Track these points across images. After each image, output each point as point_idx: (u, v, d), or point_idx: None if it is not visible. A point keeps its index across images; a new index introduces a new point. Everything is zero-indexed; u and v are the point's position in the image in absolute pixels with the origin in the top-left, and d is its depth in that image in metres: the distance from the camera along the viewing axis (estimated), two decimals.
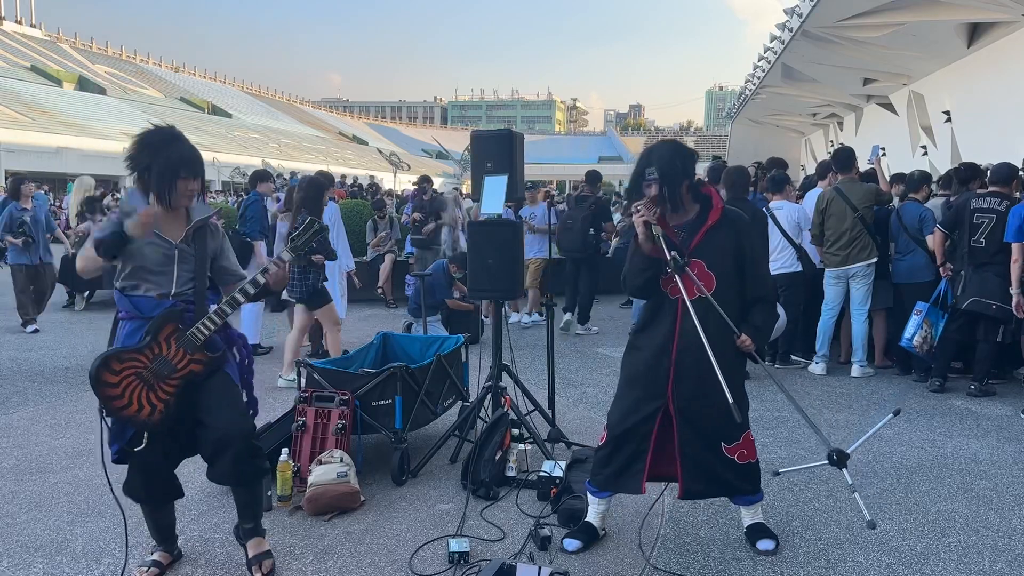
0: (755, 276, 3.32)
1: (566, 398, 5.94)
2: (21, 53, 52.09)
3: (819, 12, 12.96)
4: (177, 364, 2.97)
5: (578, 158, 74.86)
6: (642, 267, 3.24)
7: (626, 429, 3.31)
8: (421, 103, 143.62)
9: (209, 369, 3.03)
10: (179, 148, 3.02)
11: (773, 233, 6.96)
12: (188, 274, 3.07)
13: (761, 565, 3.30)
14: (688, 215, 3.29)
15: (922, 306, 6.31)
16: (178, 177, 2.99)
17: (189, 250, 3.08)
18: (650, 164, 3.23)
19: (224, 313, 2.99)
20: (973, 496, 4.09)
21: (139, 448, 2.99)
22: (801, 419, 5.39)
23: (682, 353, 3.21)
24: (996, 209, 5.93)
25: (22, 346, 7.83)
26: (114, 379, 2.92)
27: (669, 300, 3.25)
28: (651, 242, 3.17)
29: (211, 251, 3.16)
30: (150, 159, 2.98)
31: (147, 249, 3.00)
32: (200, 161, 3.09)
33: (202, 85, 71.74)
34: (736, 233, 3.28)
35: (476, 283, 4.77)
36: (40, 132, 34.99)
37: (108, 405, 2.93)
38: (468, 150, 6.44)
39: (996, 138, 11.77)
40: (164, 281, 3.03)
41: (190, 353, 2.98)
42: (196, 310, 3.04)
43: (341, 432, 4.13)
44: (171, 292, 3.04)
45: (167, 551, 3.26)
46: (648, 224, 3.15)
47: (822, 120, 24.59)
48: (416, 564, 3.30)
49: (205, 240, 3.13)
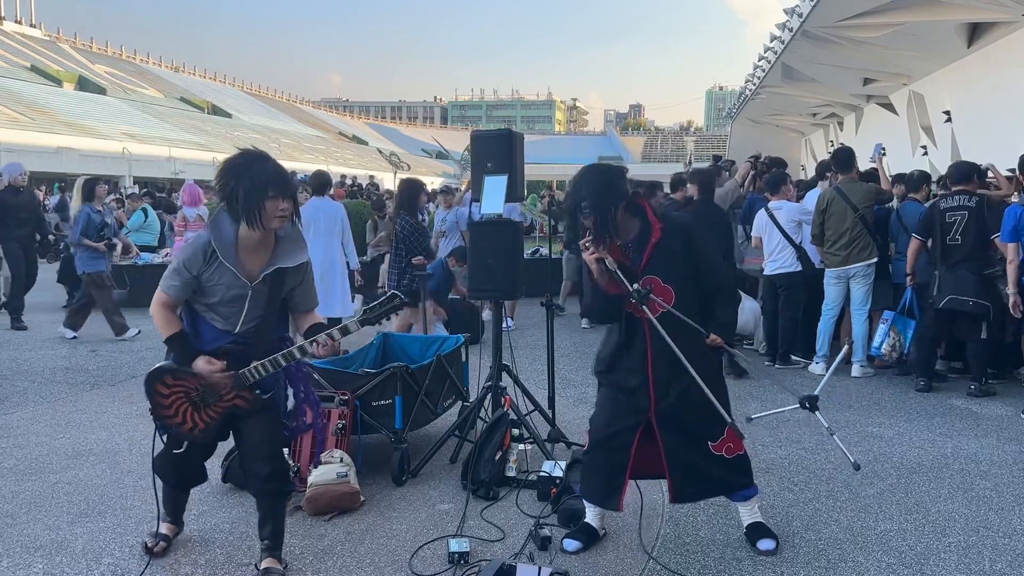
0: (708, 267, 3.30)
1: (566, 398, 5.94)
2: (21, 53, 52.06)
3: (819, 12, 12.94)
4: (224, 395, 3.02)
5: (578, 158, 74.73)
6: (604, 305, 3.26)
7: (607, 437, 3.34)
8: (421, 103, 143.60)
9: (252, 408, 3.06)
10: (266, 167, 2.91)
11: (773, 233, 6.96)
12: (257, 311, 3.02)
13: (761, 565, 3.30)
14: (631, 233, 3.28)
15: (888, 314, 6.37)
16: (266, 196, 2.86)
17: (264, 289, 3.01)
18: (582, 198, 3.20)
19: (278, 364, 2.98)
20: (973, 496, 4.09)
21: (178, 451, 3.15)
22: (802, 419, 5.40)
23: (657, 367, 3.23)
24: (966, 206, 5.99)
25: (22, 346, 7.83)
26: (165, 391, 3.04)
27: (635, 320, 3.24)
28: (607, 276, 3.16)
29: (288, 288, 3.09)
30: (235, 181, 2.88)
31: (217, 287, 2.96)
32: (289, 180, 2.96)
33: (202, 85, 71.71)
34: (681, 242, 3.27)
35: (476, 283, 4.77)
36: (40, 132, 34.96)
37: (156, 412, 3.07)
38: (468, 150, 6.44)
39: (996, 138, 11.76)
40: (232, 316, 3.01)
41: (237, 390, 3.02)
42: (255, 347, 3.02)
43: (341, 432, 4.13)
44: (235, 330, 3.02)
45: (174, 523, 3.43)
46: (601, 260, 3.14)
47: (822, 120, 24.57)
48: (416, 564, 3.30)
49: (283, 280, 3.05)
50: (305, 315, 3.19)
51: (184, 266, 2.94)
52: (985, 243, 5.90)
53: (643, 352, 3.24)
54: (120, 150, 35.76)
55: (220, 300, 2.98)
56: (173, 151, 37.90)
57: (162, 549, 3.33)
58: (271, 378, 3.05)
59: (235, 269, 2.93)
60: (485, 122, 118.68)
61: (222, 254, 2.91)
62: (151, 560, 3.26)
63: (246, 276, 2.96)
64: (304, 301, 3.19)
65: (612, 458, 3.32)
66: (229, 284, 2.95)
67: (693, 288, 3.24)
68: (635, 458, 3.29)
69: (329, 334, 2.96)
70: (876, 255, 6.51)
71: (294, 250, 3.05)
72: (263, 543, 3.16)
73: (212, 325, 3.03)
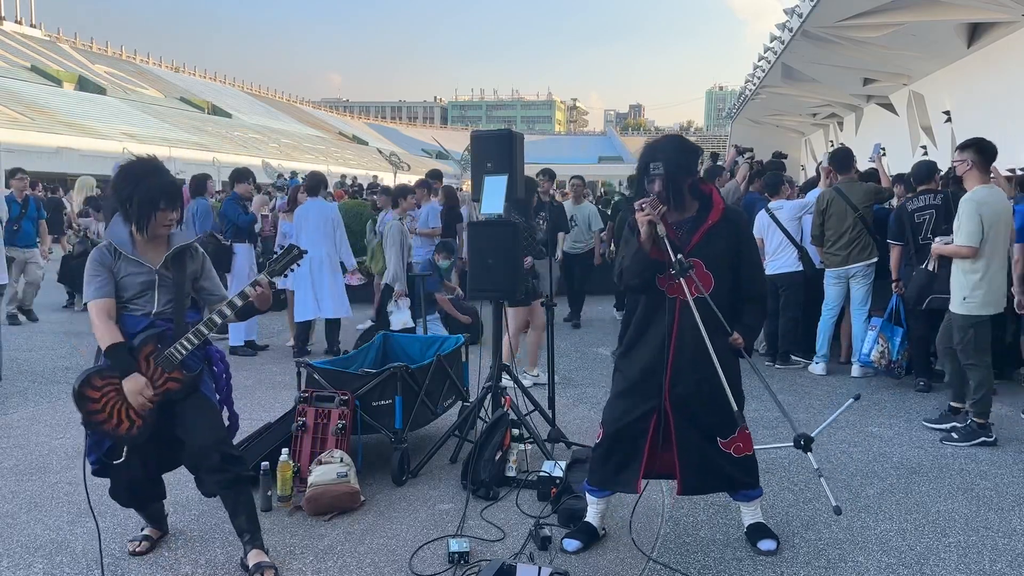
0: (751, 276, 3.32)
1: (566, 398, 5.94)
2: (21, 53, 52.06)
3: (819, 12, 12.94)
4: (156, 382, 3.11)
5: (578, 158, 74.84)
6: (642, 267, 3.22)
7: (622, 427, 3.30)
8: (421, 103, 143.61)
9: (186, 387, 3.15)
10: (158, 180, 3.14)
11: (774, 233, 6.96)
12: (168, 295, 3.20)
13: (761, 565, 3.30)
14: (688, 212, 3.28)
15: (876, 321, 6.35)
16: (157, 208, 3.11)
17: (168, 274, 3.21)
18: (655, 159, 3.21)
19: (201, 334, 3.14)
20: (973, 496, 4.09)
21: (118, 461, 3.17)
22: (802, 419, 5.40)
23: (679, 351, 3.21)
24: (932, 204, 6.00)
25: (22, 346, 7.83)
26: (96, 394, 3.11)
27: (668, 299, 3.24)
28: (653, 242, 3.16)
29: (191, 273, 3.29)
30: (131, 190, 3.11)
31: (128, 278, 3.15)
32: (178, 193, 3.20)
33: (202, 85, 71.71)
34: (735, 232, 3.28)
35: (476, 283, 4.77)
36: (40, 132, 34.96)
37: (89, 419, 3.12)
38: (468, 150, 6.44)
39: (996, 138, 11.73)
40: (147, 304, 3.18)
41: (167, 371, 3.12)
42: (175, 328, 3.17)
43: (341, 432, 4.13)
44: (152, 312, 3.17)
45: (156, 528, 3.49)
46: (653, 224, 3.14)
47: (822, 120, 24.58)
48: (416, 564, 3.30)
49: (184, 263, 3.26)
50: (219, 304, 3.29)
51: (97, 266, 3.14)
52: None
53: (667, 334, 3.22)
54: (120, 150, 35.74)
55: (133, 292, 3.16)
56: (173, 151, 37.89)
57: (145, 548, 3.37)
58: (196, 360, 3.19)
59: (137, 259, 3.16)
60: (485, 122, 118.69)
61: (122, 249, 3.15)
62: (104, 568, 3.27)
63: (149, 264, 3.18)
64: (212, 290, 3.36)
65: (628, 445, 3.30)
66: (136, 273, 3.15)
67: (730, 284, 3.24)
68: (651, 444, 3.26)
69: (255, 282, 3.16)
70: (876, 255, 6.51)
71: (184, 234, 3.33)
72: (243, 537, 3.19)
73: (131, 315, 3.17)
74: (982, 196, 4.83)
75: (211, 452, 3.10)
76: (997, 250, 4.84)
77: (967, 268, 4.89)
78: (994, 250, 4.83)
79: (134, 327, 3.15)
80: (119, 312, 3.17)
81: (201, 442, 3.10)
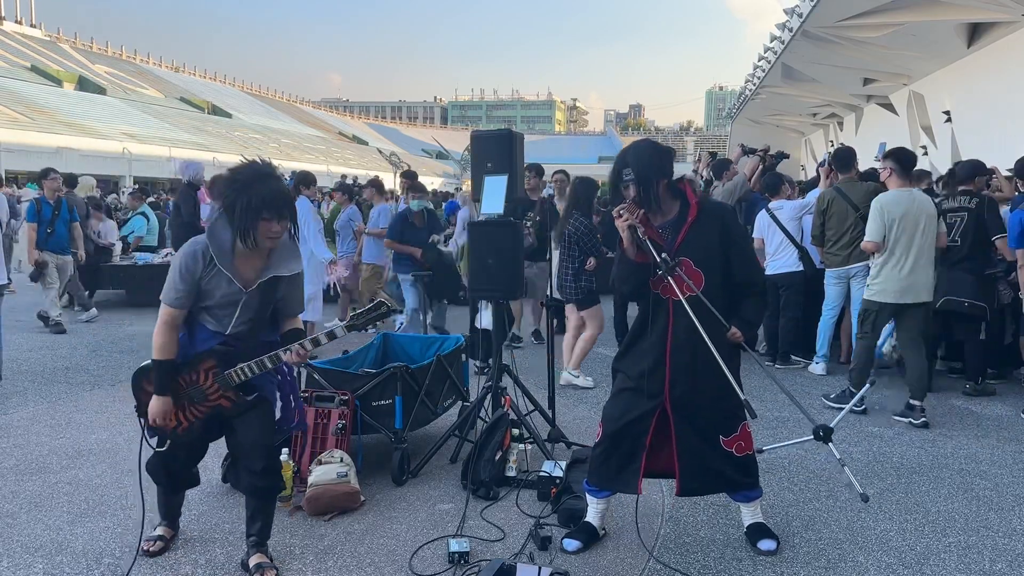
0: (743, 265, 3.31)
1: (566, 398, 5.94)
2: (21, 53, 52.05)
3: (819, 12, 12.95)
4: (209, 395, 3.08)
5: (578, 158, 74.84)
6: (630, 272, 3.25)
7: (622, 427, 3.31)
8: (421, 103, 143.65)
9: (237, 409, 3.10)
10: (266, 187, 2.92)
11: (775, 234, 6.96)
12: (248, 314, 3.07)
13: (761, 565, 3.30)
14: (670, 214, 3.29)
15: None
16: (260, 218, 2.91)
17: (256, 295, 3.06)
18: (626, 165, 3.23)
19: (264, 366, 3.06)
20: (973, 496, 4.09)
21: (161, 450, 3.19)
22: (802, 418, 5.40)
23: (676, 352, 3.22)
24: (966, 207, 5.97)
25: (22, 346, 7.83)
26: (151, 388, 3.08)
27: (661, 300, 3.25)
28: (636, 246, 3.17)
29: (279, 294, 3.14)
30: (235, 196, 2.91)
31: (214, 289, 3.01)
32: (285, 202, 2.98)
33: (202, 85, 71.71)
34: (720, 226, 3.27)
35: (476, 283, 4.77)
36: (40, 132, 34.94)
37: (142, 408, 3.12)
38: (468, 150, 6.43)
39: (996, 138, 11.76)
40: (224, 319, 3.06)
41: (223, 390, 3.07)
42: (243, 348, 3.08)
43: (341, 432, 4.13)
44: (226, 331, 3.07)
45: (170, 527, 3.46)
46: (633, 228, 3.15)
47: (822, 120, 24.60)
48: (416, 564, 3.30)
49: (277, 287, 3.09)
50: (287, 320, 3.23)
51: (185, 271, 2.98)
52: (985, 244, 5.89)
53: (664, 335, 3.23)
54: (120, 150, 35.78)
55: (215, 303, 3.03)
56: (173, 151, 37.89)
57: (159, 548, 3.35)
58: (256, 381, 3.11)
59: (231, 275, 2.99)
60: (485, 122, 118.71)
61: (219, 260, 2.97)
62: (137, 556, 3.28)
63: (241, 282, 3.02)
64: (289, 306, 3.22)
65: (628, 445, 3.30)
66: (225, 289, 3.00)
67: (722, 279, 3.24)
68: (651, 444, 3.27)
69: (314, 339, 3.05)
70: None
71: (289, 259, 3.11)
72: (250, 539, 3.20)
73: (205, 326, 3.09)
74: (886, 200, 5.38)
75: (259, 455, 3.08)
76: (898, 247, 5.32)
77: (872, 261, 5.56)
78: (894, 247, 5.32)
79: (204, 341, 3.07)
80: (195, 317, 3.07)
81: (253, 440, 3.08)
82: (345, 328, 3.05)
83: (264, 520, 3.21)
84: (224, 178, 3.04)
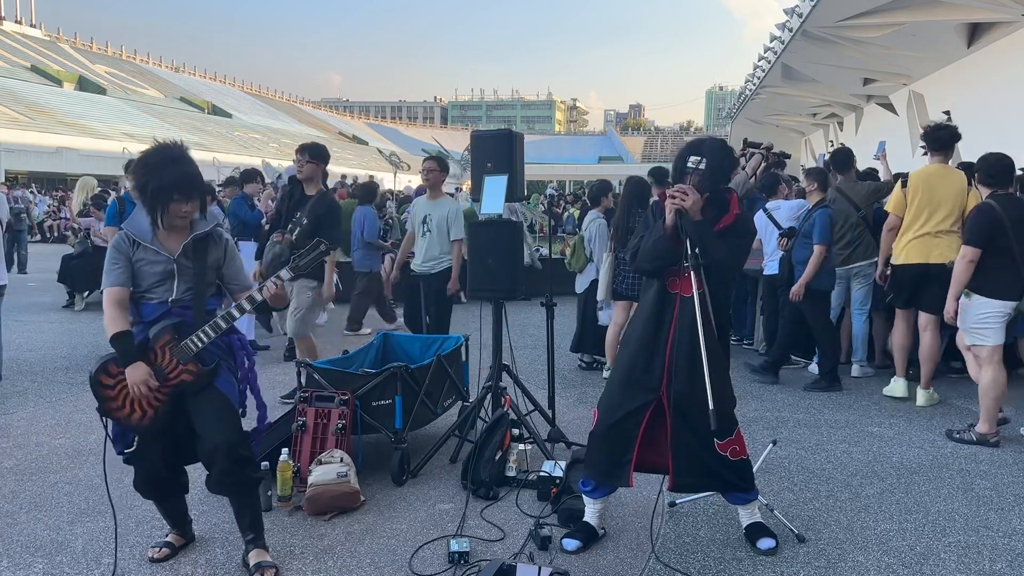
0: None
1: (566, 398, 5.94)
2: (21, 53, 52.06)
3: (819, 12, 12.97)
4: (169, 372, 3.07)
5: (578, 158, 74.93)
6: (662, 253, 3.21)
7: (617, 419, 3.31)
8: (421, 103, 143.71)
9: (200, 380, 3.09)
10: (174, 171, 3.04)
11: (772, 233, 6.96)
12: (187, 283, 3.13)
13: (761, 565, 3.30)
14: (708, 214, 3.27)
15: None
16: (171, 200, 3.03)
17: (187, 263, 3.13)
18: (699, 154, 3.21)
19: (219, 327, 3.08)
20: (973, 496, 4.09)
21: (130, 450, 3.15)
22: (802, 419, 5.40)
23: (677, 348, 3.21)
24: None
25: (22, 346, 7.83)
26: (110, 381, 3.07)
27: (668, 295, 3.25)
28: (675, 230, 3.15)
29: (213, 261, 3.20)
30: (146, 179, 3.03)
31: (145, 267, 3.09)
32: (194, 184, 3.09)
33: (202, 85, 71.74)
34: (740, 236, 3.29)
35: (476, 283, 4.77)
36: (40, 132, 34.97)
37: (104, 406, 3.08)
38: (468, 150, 6.41)
39: (996, 138, 11.76)
40: (164, 292, 3.12)
41: (183, 363, 3.07)
42: (194, 317, 3.11)
43: (341, 432, 4.13)
44: (169, 299, 3.11)
45: (180, 534, 3.40)
46: (680, 213, 3.13)
47: (822, 120, 24.62)
48: (416, 564, 3.30)
49: (206, 251, 3.18)
50: (242, 293, 3.24)
51: (115, 253, 3.09)
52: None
53: (666, 330, 3.24)
54: (120, 150, 35.76)
55: (153, 281, 3.10)
56: None
57: (164, 555, 3.29)
58: (213, 354, 3.13)
59: (155, 248, 3.09)
60: (485, 122, 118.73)
61: (139, 239, 3.09)
62: (117, 564, 3.26)
63: (168, 252, 3.11)
64: (235, 278, 3.29)
65: (620, 437, 3.30)
66: (155, 263, 3.09)
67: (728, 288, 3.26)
68: (641, 440, 3.27)
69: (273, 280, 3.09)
70: (877, 254, 6.50)
71: (204, 223, 3.22)
72: (246, 536, 3.18)
73: (149, 303, 3.13)
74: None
75: (221, 452, 3.03)
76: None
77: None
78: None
79: (151, 315, 3.11)
80: (137, 300, 3.12)
81: (213, 440, 3.04)
82: (291, 270, 3.11)
83: (251, 512, 3.19)
84: (137, 161, 3.14)
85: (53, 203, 25.57)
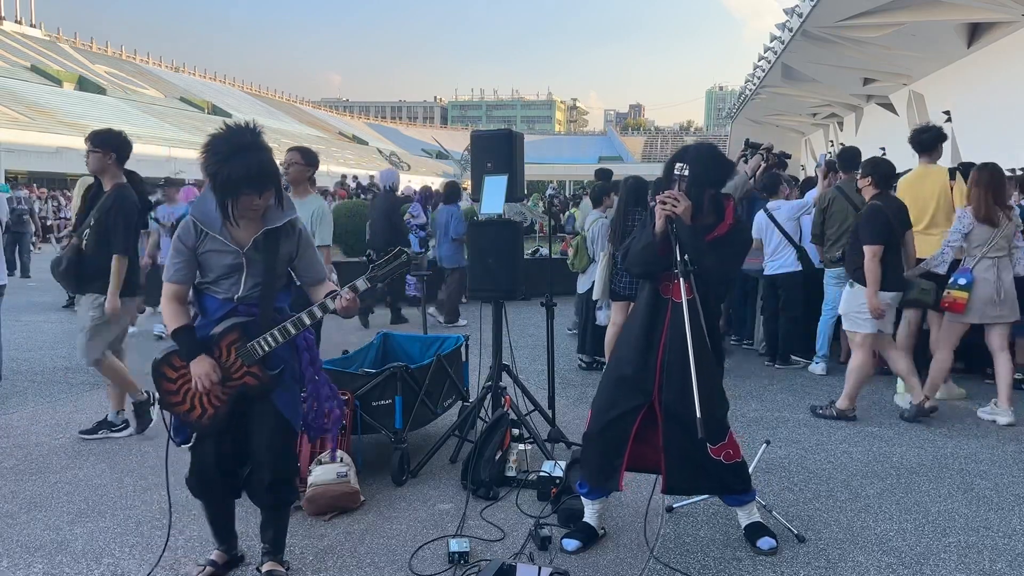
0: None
1: (566, 398, 5.94)
2: (21, 53, 52.05)
3: (819, 12, 12.97)
4: (233, 373, 2.94)
5: (578, 158, 74.86)
6: (649, 259, 3.22)
7: (607, 424, 3.32)
8: (421, 103, 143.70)
9: (264, 385, 2.95)
10: (244, 162, 2.77)
11: (773, 233, 6.96)
12: (255, 279, 2.95)
13: (761, 565, 3.30)
14: (702, 221, 3.25)
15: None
16: (241, 193, 2.80)
17: (257, 256, 2.94)
18: (683, 161, 3.20)
19: (287, 332, 2.90)
20: (973, 496, 4.09)
21: (187, 446, 3.03)
22: (802, 419, 5.40)
23: (669, 352, 3.21)
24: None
25: (22, 346, 7.83)
26: (173, 374, 2.96)
27: (661, 300, 3.25)
28: (665, 237, 3.15)
29: (284, 254, 3.00)
30: (216, 167, 2.79)
31: (212, 258, 2.92)
32: (267, 175, 2.83)
33: (202, 85, 71.74)
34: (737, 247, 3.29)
35: (476, 283, 4.77)
36: (40, 132, 34.94)
37: (164, 399, 2.97)
38: (468, 150, 6.42)
39: (996, 138, 11.78)
40: (232, 287, 2.95)
41: (247, 365, 2.93)
42: (261, 316, 2.94)
43: (341, 432, 4.12)
44: (236, 296, 2.95)
45: (224, 551, 3.21)
46: (670, 220, 3.13)
47: (822, 120, 24.63)
48: (416, 564, 3.30)
49: (278, 244, 2.97)
50: (317, 287, 3.09)
51: (179, 244, 2.92)
52: None
53: (658, 334, 3.24)
54: None
55: (219, 273, 2.95)
56: (173, 151, 37.90)
57: (208, 574, 3.12)
58: (279, 357, 2.98)
59: (223, 239, 2.90)
60: (485, 122, 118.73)
61: (208, 228, 2.89)
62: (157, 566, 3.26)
63: (236, 245, 2.92)
64: (308, 271, 3.09)
65: (611, 439, 3.31)
66: (222, 255, 2.91)
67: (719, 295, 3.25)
68: (633, 442, 3.27)
69: (351, 286, 2.87)
70: None
71: (280, 213, 2.98)
72: (264, 546, 3.15)
73: (214, 297, 2.99)
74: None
75: (265, 470, 2.98)
76: None
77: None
78: None
79: (216, 311, 2.96)
80: (201, 292, 2.98)
81: (259, 457, 2.98)
82: (367, 280, 2.89)
83: (276, 529, 3.13)
84: (205, 146, 2.86)
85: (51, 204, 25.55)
